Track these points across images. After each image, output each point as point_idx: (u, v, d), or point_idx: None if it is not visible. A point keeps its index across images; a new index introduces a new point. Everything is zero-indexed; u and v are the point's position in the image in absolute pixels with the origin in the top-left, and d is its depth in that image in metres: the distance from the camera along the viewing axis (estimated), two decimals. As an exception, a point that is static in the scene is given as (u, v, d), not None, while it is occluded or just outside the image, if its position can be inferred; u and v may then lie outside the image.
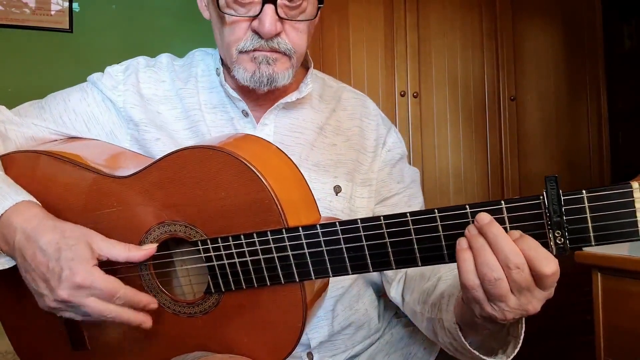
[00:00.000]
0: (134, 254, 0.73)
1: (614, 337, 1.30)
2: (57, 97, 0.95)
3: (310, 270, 0.68)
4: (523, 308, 0.61)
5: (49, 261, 0.71)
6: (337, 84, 1.05)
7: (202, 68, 0.96)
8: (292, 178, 0.75)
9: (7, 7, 2.31)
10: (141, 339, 0.78)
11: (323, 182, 0.91)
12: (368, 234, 0.65)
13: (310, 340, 0.90)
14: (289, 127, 0.93)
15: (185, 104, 0.93)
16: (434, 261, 0.64)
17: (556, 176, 0.58)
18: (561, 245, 0.59)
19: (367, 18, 2.41)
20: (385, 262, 0.65)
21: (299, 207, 0.72)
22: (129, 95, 0.92)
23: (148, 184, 0.75)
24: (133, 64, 0.96)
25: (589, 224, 0.58)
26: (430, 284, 0.86)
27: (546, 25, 2.70)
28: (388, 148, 1.00)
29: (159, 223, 0.75)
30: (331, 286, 0.90)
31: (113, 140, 0.93)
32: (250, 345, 0.73)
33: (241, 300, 0.73)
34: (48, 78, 2.33)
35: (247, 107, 0.91)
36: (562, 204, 0.58)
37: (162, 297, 0.77)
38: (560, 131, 2.71)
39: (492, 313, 0.61)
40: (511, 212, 0.60)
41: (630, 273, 1.25)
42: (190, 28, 2.48)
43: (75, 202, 0.79)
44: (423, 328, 0.87)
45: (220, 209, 0.70)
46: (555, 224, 0.59)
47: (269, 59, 0.82)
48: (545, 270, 0.58)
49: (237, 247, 0.70)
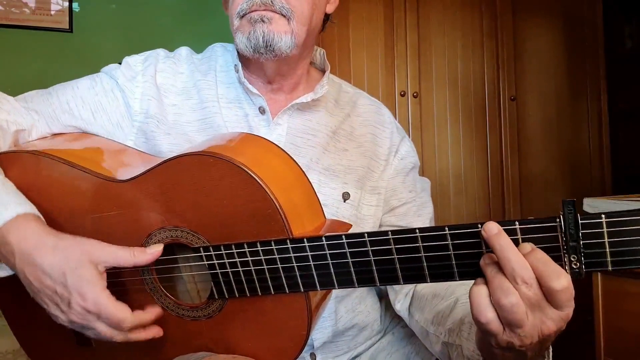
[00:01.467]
0: (140, 259, 0.72)
1: (614, 337, 1.29)
2: (66, 85, 0.94)
3: (315, 281, 0.67)
4: (537, 329, 0.57)
5: (55, 286, 0.70)
6: (354, 90, 1.04)
7: (220, 63, 0.96)
8: (295, 181, 0.74)
9: (7, 7, 2.31)
10: (145, 340, 0.78)
11: (332, 187, 0.90)
12: (375, 249, 0.64)
13: (313, 341, 0.90)
14: (302, 128, 0.92)
15: (203, 96, 0.92)
16: (444, 279, 0.62)
17: (574, 200, 0.56)
18: (576, 269, 0.57)
19: (367, 18, 2.41)
20: (393, 277, 0.64)
21: (303, 212, 0.71)
22: (148, 87, 0.91)
23: (149, 188, 0.74)
24: (153, 55, 0.95)
25: (607, 249, 0.56)
26: (446, 305, 0.83)
27: (547, 25, 2.70)
28: (401, 156, 0.99)
29: (160, 228, 0.74)
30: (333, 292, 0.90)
31: (119, 131, 0.91)
32: (254, 350, 0.73)
33: (245, 307, 0.72)
34: (48, 78, 2.32)
35: (265, 103, 0.90)
36: (580, 228, 0.56)
37: (165, 300, 0.77)
38: (560, 131, 2.71)
39: (509, 340, 0.58)
40: (525, 233, 0.58)
41: (631, 273, 1.25)
42: (190, 28, 2.48)
43: (75, 206, 0.79)
44: (435, 351, 0.85)
45: (223, 217, 0.70)
46: (572, 248, 0.57)
47: (264, 17, 0.82)
48: (555, 285, 0.55)
49: (240, 256, 0.69)
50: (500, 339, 0.59)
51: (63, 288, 0.69)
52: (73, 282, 0.69)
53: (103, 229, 0.76)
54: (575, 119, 2.74)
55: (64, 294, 0.70)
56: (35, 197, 0.78)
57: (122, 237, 0.75)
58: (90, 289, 0.69)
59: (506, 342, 0.59)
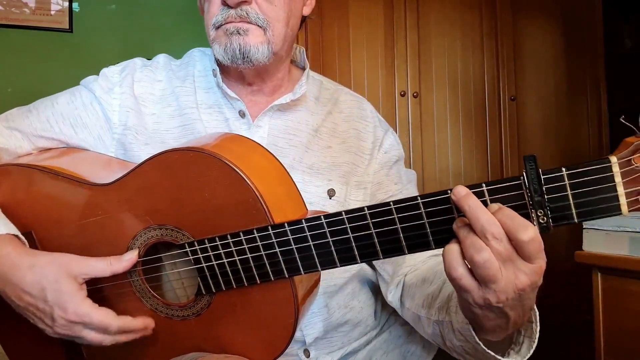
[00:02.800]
0: (116, 267, 0.73)
1: (614, 337, 1.30)
2: (45, 101, 0.94)
3: (299, 265, 0.68)
4: (512, 283, 0.58)
5: (37, 302, 0.71)
6: (335, 86, 1.05)
7: (199, 68, 0.96)
8: (276, 175, 0.75)
9: (7, 7, 2.31)
10: (137, 345, 0.78)
11: (317, 185, 0.91)
12: (353, 225, 0.65)
13: (305, 336, 0.90)
14: (283, 129, 0.93)
15: (182, 102, 0.92)
16: (421, 248, 0.64)
17: (534, 156, 0.58)
18: (544, 224, 0.59)
19: (367, 17, 2.41)
20: (372, 252, 0.65)
21: (285, 203, 0.72)
22: (125, 98, 0.91)
23: (132, 189, 0.74)
24: (130, 65, 0.95)
25: (571, 201, 0.58)
26: (435, 287, 0.85)
27: (546, 24, 2.70)
28: (385, 150, 1.00)
29: (145, 228, 0.74)
30: (324, 283, 0.90)
31: (100, 144, 0.92)
32: (244, 344, 0.73)
33: (232, 300, 0.73)
34: (48, 78, 2.33)
35: (244, 107, 0.91)
36: (543, 183, 0.58)
37: (154, 301, 0.77)
38: (560, 131, 2.71)
39: (486, 296, 0.60)
40: (492, 194, 0.60)
41: (630, 273, 1.25)
42: (190, 28, 2.48)
43: (59, 213, 0.79)
44: (428, 334, 0.86)
45: (206, 211, 0.70)
46: (537, 203, 0.59)
47: (239, 29, 0.82)
48: (523, 236, 0.56)
49: (224, 247, 0.70)
50: (477, 296, 0.60)
51: (44, 303, 0.71)
52: (53, 297, 0.70)
53: (90, 235, 0.77)
54: (575, 118, 2.74)
55: (46, 309, 0.71)
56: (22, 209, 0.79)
57: (109, 241, 0.76)
58: (70, 302, 0.70)
59: (482, 299, 0.60)
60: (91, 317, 0.71)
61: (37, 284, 0.71)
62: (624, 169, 0.57)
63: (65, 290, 0.71)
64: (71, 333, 0.72)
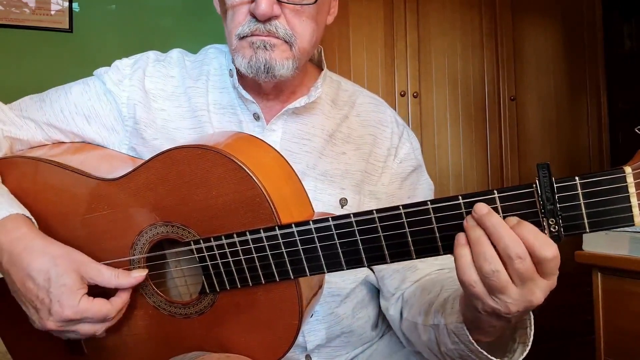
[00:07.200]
0: (122, 281, 0.73)
1: (614, 337, 1.29)
2: (58, 90, 0.94)
3: (304, 266, 0.68)
4: (526, 299, 0.58)
5: (38, 290, 0.70)
6: (353, 87, 1.02)
7: (214, 66, 0.94)
8: (284, 176, 0.74)
9: (7, 7, 2.31)
10: (138, 341, 0.78)
11: (329, 193, 0.89)
12: (361, 228, 0.65)
13: (307, 342, 0.89)
14: (297, 133, 0.91)
15: (193, 104, 0.91)
16: (429, 253, 0.64)
17: (548, 163, 0.58)
18: (555, 233, 0.58)
19: (367, 18, 2.41)
20: (380, 255, 0.65)
21: (291, 203, 0.72)
22: (134, 91, 0.90)
23: (138, 185, 0.74)
24: (142, 59, 0.94)
25: (583, 210, 0.58)
26: (433, 294, 0.84)
27: (546, 25, 2.70)
28: (400, 159, 0.96)
29: (150, 225, 0.74)
30: (332, 291, 0.89)
31: (114, 135, 0.91)
32: (247, 344, 0.73)
33: (236, 300, 0.73)
34: (48, 78, 2.31)
35: (259, 110, 0.89)
36: (555, 191, 0.58)
37: (157, 298, 0.77)
38: (560, 131, 2.71)
39: (495, 307, 0.60)
40: (504, 201, 0.59)
41: (631, 273, 1.24)
42: (191, 28, 2.48)
43: (66, 207, 0.79)
44: (423, 341, 0.84)
45: (212, 208, 0.70)
46: (549, 211, 0.58)
47: (266, 44, 0.80)
48: (547, 254, 0.56)
49: (230, 246, 0.70)
50: (487, 305, 0.60)
51: (45, 294, 0.70)
52: (56, 290, 0.70)
53: (96, 229, 0.77)
54: (575, 118, 2.74)
55: (45, 300, 0.70)
56: (30, 201, 0.78)
57: (114, 236, 0.76)
58: (71, 298, 0.70)
59: (492, 309, 0.60)
60: (91, 312, 0.70)
61: (45, 273, 0.70)
62: (639, 179, 0.57)
63: (69, 285, 0.70)
64: (62, 329, 0.71)
